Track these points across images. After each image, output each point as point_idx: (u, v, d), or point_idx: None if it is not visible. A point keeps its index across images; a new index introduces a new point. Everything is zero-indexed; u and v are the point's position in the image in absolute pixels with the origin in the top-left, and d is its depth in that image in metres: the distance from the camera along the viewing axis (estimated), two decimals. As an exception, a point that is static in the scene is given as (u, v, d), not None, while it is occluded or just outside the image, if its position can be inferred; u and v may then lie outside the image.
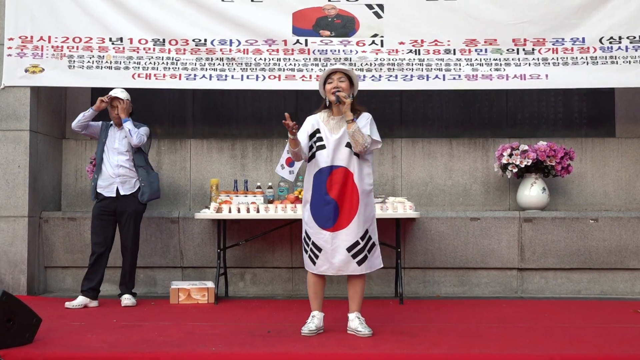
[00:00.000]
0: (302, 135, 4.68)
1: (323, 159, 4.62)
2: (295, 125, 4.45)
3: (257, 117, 7.63)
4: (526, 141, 7.36)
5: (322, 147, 4.63)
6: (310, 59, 6.86)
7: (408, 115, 7.65)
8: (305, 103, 7.30)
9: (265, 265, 7.05)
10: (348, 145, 4.58)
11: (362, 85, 7.03)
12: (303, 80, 6.83)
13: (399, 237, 6.42)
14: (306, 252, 4.67)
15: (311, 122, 4.72)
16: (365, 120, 4.65)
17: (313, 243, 4.61)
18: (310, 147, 4.68)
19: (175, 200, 7.47)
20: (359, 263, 4.59)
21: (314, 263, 4.62)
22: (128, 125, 6.11)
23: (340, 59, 6.83)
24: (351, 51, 6.93)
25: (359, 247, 4.57)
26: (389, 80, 6.87)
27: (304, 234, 4.68)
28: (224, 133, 7.62)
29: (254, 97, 7.60)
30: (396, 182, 7.44)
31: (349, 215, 4.53)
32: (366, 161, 4.62)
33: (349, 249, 4.57)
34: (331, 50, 6.91)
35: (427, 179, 7.46)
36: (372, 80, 6.87)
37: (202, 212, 6.45)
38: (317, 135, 4.65)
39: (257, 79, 6.90)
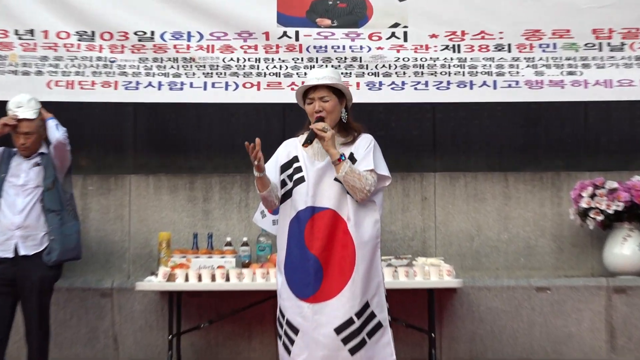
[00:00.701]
0: (271, 167, 4.67)
1: (301, 197, 4.56)
2: (259, 156, 4.41)
3: (227, 144, 7.56)
4: (615, 176, 7.32)
5: (301, 180, 4.59)
6: (302, 58, 6.83)
7: (444, 140, 7.61)
8: (295, 121, 7.10)
9: (238, 357, 6.99)
10: (336, 180, 4.57)
11: (377, 96, 6.91)
12: (293, 89, 6.78)
13: (433, 317, 6.38)
14: (280, 337, 4.59)
15: (286, 150, 4.74)
16: (365, 148, 4.65)
17: (288, 322, 4.55)
18: (284, 183, 4.65)
19: (108, 263, 7.42)
20: (352, 351, 4.47)
21: (289, 352, 4.55)
22: (52, 122, 6.06)
23: (345, 58, 6.78)
24: (361, 47, 6.88)
25: (352, 327, 4.47)
26: (416, 89, 6.84)
27: (277, 312, 4.62)
28: (179, 166, 7.58)
29: (222, 114, 7.55)
30: (428, 236, 7.43)
31: (338, 280, 4.47)
32: (369, 202, 4.58)
33: (338, 330, 4.45)
34: (333, 47, 6.87)
35: (473, 231, 7.44)
36: (392, 89, 6.83)
37: (147, 280, 6.44)
38: (295, 165, 4.64)
39: (226, 88, 6.88)
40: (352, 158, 4.56)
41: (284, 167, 4.68)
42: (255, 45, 6.89)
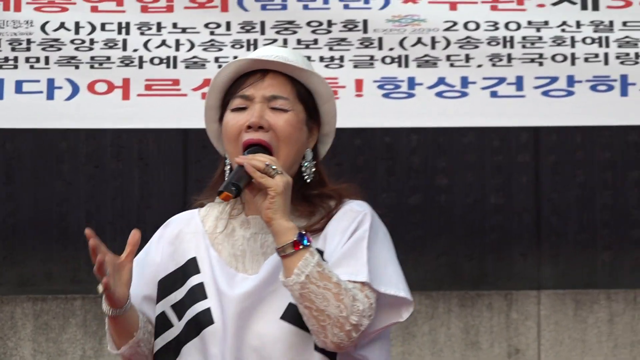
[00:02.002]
0: (137, 283, 2.31)
1: (201, 348, 2.27)
2: (104, 260, 2.13)
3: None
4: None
5: (203, 318, 2.26)
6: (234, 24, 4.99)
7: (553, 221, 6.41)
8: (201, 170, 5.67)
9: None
10: (287, 315, 2.24)
11: (399, 116, 4.29)
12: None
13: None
14: None
15: (170, 244, 2.37)
16: (348, 231, 2.26)
17: None
18: (163, 322, 2.32)
19: None
20: None
21: None
22: None
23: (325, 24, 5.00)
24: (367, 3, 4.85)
25: None
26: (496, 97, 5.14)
27: None
28: None
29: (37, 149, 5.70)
30: None
31: None
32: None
33: None
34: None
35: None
36: (446, 97, 4.99)
37: None
38: (192, 280, 2.31)
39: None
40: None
41: (166, 285, 2.34)
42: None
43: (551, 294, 5.34)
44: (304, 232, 2.17)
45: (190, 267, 2.30)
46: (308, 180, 2.29)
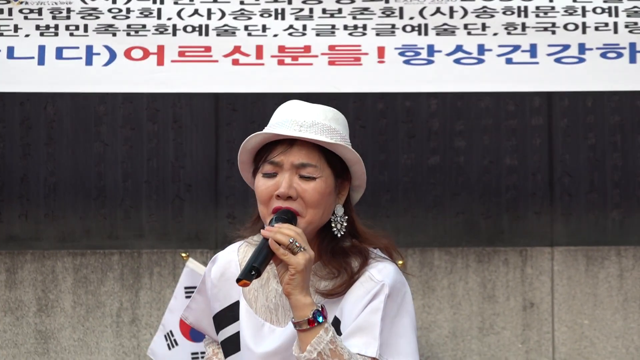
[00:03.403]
0: (202, 312, 2.49)
1: None
2: None
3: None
4: None
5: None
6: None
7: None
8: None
9: None
10: None
11: (419, 81, 4.32)
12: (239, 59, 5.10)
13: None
14: None
15: (219, 280, 2.42)
16: (364, 300, 2.25)
17: None
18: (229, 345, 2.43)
19: None
20: None
21: None
22: None
23: None
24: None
25: None
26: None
27: None
28: None
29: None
30: None
31: None
32: None
33: None
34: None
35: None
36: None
37: None
38: (233, 323, 2.40)
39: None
40: (335, 325, 2.23)
41: (221, 319, 2.41)
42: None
43: (564, 251, 5.32)
44: (320, 309, 2.16)
45: (235, 310, 2.35)
46: (339, 235, 2.27)
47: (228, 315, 2.37)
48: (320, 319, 2.15)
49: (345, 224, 2.29)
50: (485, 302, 5.43)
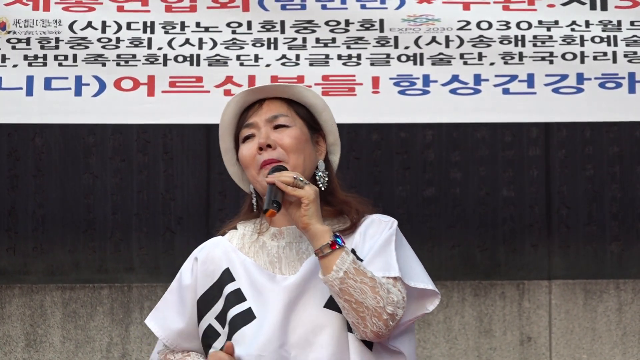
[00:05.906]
0: (176, 311, 2.48)
1: (252, 350, 2.34)
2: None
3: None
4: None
5: (246, 316, 2.40)
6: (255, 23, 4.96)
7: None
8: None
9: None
10: (331, 305, 2.37)
11: (415, 112, 4.23)
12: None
13: None
14: None
15: (203, 263, 2.47)
16: (379, 238, 2.42)
17: None
18: (210, 333, 2.45)
19: None
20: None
21: None
22: None
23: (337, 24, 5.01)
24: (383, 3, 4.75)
25: None
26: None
27: None
28: None
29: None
30: None
31: None
32: (391, 353, 2.41)
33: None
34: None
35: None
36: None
37: None
38: (228, 287, 2.42)
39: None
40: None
41: (206, 300, 2.44)
42: None
43: (562, 284, 5.28)
44: (337, 234, 2.31)
45: (225, 277, 2.42)
46: (322, 188, 2.41)
47: (215, 289, 2.43)
48: (340, 242, 2.30)
49: (327, 179, 2.45)
50: (481, 337, 5.39)
